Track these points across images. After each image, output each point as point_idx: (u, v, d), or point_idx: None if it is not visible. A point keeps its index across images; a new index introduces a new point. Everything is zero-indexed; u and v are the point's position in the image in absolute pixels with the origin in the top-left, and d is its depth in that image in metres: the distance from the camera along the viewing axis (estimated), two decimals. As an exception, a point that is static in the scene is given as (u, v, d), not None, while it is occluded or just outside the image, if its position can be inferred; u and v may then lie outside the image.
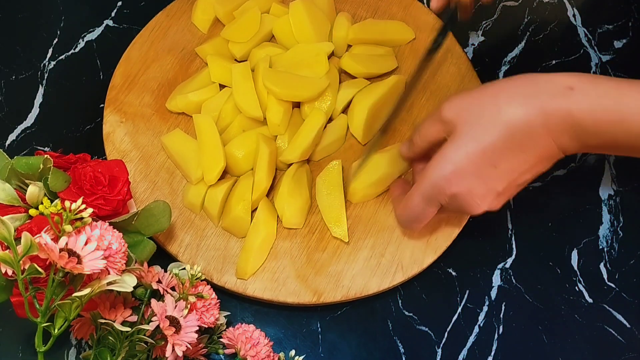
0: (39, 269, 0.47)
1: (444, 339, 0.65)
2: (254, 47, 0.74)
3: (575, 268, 0.69)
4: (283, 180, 0.67)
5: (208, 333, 0.62)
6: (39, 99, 0.76)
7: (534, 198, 0.72)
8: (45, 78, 0.77)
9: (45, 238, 0.46)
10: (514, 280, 0.68)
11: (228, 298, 0.65)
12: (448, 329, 0.66)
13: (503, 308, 0.67)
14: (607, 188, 0.73)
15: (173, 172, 0.69)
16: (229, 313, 0.63)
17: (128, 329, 0.52)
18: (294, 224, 0.67)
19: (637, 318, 0.66)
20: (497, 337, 0.66)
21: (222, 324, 0.62)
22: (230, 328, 0.60)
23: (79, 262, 0.47)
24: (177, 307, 0.53)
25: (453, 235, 0.67)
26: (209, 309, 0.57)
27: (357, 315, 0.66)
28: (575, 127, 0.53)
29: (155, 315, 0.53)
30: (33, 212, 0.51)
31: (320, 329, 0.66)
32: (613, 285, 0.68)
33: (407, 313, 0.66)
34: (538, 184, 0.72)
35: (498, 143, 0.54)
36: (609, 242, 0.70)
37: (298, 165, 0.68)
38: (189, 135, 0.69)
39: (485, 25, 0.81)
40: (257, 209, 0.66)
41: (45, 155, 0.55)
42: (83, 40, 0.79)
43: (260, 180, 0.66)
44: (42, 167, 0.54)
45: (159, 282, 0.57)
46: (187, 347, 0.52)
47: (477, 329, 0.66)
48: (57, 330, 0.50)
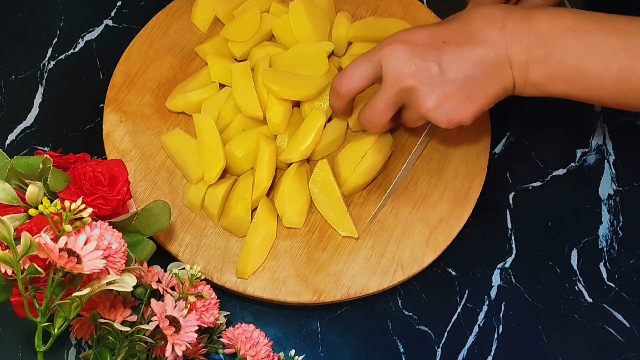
0: (39, 269, 0.47)
1: (444, 339, 0.65)
2: (254, 46, 0.74)
3: (575, 268, 0.69)
4: (283, 180, 0.67)
5: (208, 333, 0.62)
6: (39, 99, 0.76)
7: (534, 198, 0.72)
8: (45, 78, 0.77)
9: (45, 238, 0.46)
10: (514, 280, 0.68)
11: (228, 298, 0.65)
12: (448, 329, 0.66)
13: (503, 308, 0.67)
14: (606, 188, 0.73)
15: (173, 171, 0.69)
16: (229, 313, 0.63)
17: (128, 329, 0.52)
18: (294, 224, 0.67)
19: (636, 317, 0.66)
20: (496, 336, 0.66)
21: (221, 324, 0.62)
22: (230, 328, 0.60)
23: (79, 261, 0.47)
24: (176, 306, 0.53)
25: (453, 235, 0.67)
26: (209, 309, 0.57)
27: (357, 315, 0.66)
28: (531, 30, 0.55)
29: (155, 315, 0.52)
30: (33, 211, 0.51)
31: (320, 329, 0.66)
32: (613, 285, 0.68)
33: (407, 313, 0.66)
34: (538, 184, 0.72)
35: (447, 26, 0.58)
36: (609, 241, 0.70)
37: (298, 165, 0.68)
38: (189, 135, 0.69)
39: (485, 25, 0.81)
40: (257, 209, 0.66)
41: (45, 155, 0.55)
42: (83, 40, 0.79)
43: (261, 180, 0.66)
44: (41, 166, 0.54)
45: (159, 281, 0.57)
46: (186, 346, 0.52)
47: (476, 329, 0.66)
48: (56, 330, 0.50)
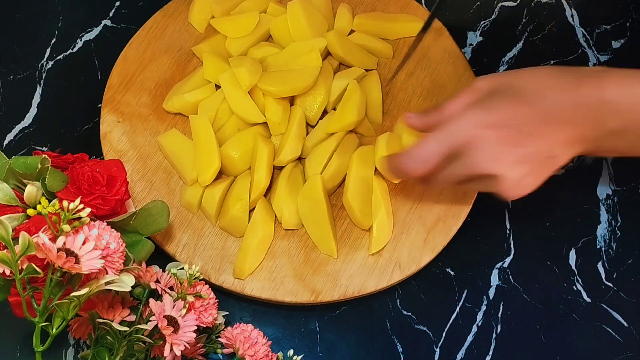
0: (37, 269, 0.47)
1: (442, 339, 0.65)
2: (251, 46, 0.74)
3: (574, 267, 0.69)
4: (279, 182, 0.67)
5: (206, 333, 0.62)
6: (37, 99, 0.75)
7: (532, 198, 0.72)
8: (43, 78, 0.77)
9: (43, 238, 0.46)
10: (512, 280, 0.68)
11: (226, 298, 0.65)
12: (446, 329, 0.66)
13: (501, 307, 0.67)
14: (605, 188, 0.73)
15: (170, 171, 0.69)
16: (227, 313, 0.63)
17: (126, 329, 0.52)
18: (293, 225, 0.67)
19: (634, 317, 0.67)
20: (495, 336, 0.66)
21: (220, 324, 0.62)
22: (229, 327, 0.60)
23: (77, 261, 0.47)
24: (175, 306, 0.53)
25: (451, 234, 0.67)
26: (207, 309, 0.57)
27: (355, 315, 0.66)
28: (604, 103, 0.53)
29: (154, 315, 0.52)
30: (31, 211, 0.51)
31: (319, 329, 0.66)
32: (611, 285, 0.68)
33: (405, 312, 0.66)
34: (536, 184, 0.72)
35: (532, 113, 0.54)
36: (607, 241, 0.70)
37: (292, 165, 0.68)
38: (186, 136, 0.69)
39: (484, 25, 0.81)
40: (254, 209, 0.66)
41: (43, 155, 0.55)
42: (81, 40, 0.79)
43: (260, 180, 0.66)
44: (39, 166, 0.54)
45: (157, 281, 0.57)
46: (185, 346, 0.52)
47: (475, 328, 0.66)
48: (55, 330, 0.50)
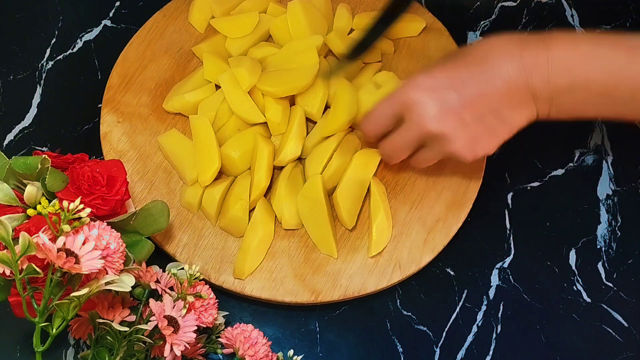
0: (37, 269, 0.47)
1: (442, 339, 0.65)
2: (251, 46, 0.74)
3: (573, 267, 0.69)
4: (279, 182, 0.67)
5: (206, 333, 0.62)
6: (37, 99, 0.75)
7: (532, 198, 0.72)
8: (43, 78, 0.77)
9: (43, 238, 0.46)
10: (512, 280, 0.68)
11: (226, 298, 0.65)
12: (446, 329, 0.66)
13: (501, 307, 0.67)
14: (605, 188, 0.73)
15: (170, 172, 0.69)
16: (228, 313, 0.63)
17: (126, 329, 0.52)
18: (294, 225, 0.67)
19: (634, 317, 0.67)
20: (495, 336, 0.66)
21: (220, 324, 0.62)
22: (229, 328, 0.60)
23: (77, 261, 0.47)
24: (175, 306, 0.53)
25: (450, 235, 0.67)
26: (208, 309, 0.57)
27: (355, 315, 0.66)
28: (549, 60, 0.54)
29: (154, 315, 0.52)
30: (31, 212, 0.51)
31: (319, 329, 0.66)
32: (611, 285, 0.68)
33: (405, 312, 0.66)
34: (536, 184, 0.72)
35: (464, 65, 0.57)
36: (607, 241, 0.70)
37: (292, 165, 0.68)
38: (186, 136, 0.69)
39: (484, 26, 0.81)
40: (254, 209, 0.66)
41: (43, 155, 0.55)
42: (81, 40, 0.79)
43: (260, 180, 0.66)
44: (40, 167, 0.54)
45: (157, 281, 0.57)
46: (185, 346, 0.52)
47: (475, 329, 0.66)
48: (55, 330, 0.50)
